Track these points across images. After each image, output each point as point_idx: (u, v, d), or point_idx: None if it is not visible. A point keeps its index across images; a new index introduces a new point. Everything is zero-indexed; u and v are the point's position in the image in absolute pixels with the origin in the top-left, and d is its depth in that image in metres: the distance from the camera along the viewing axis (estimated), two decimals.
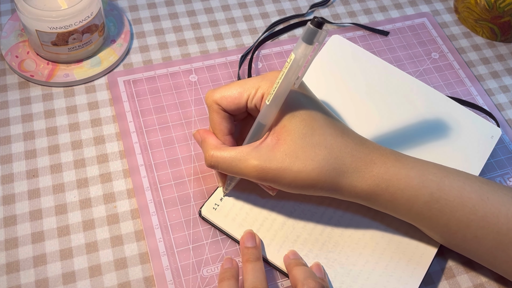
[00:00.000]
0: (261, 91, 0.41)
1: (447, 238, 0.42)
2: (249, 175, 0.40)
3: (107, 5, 0.60)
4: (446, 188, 0.40)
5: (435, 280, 0.45)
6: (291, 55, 0.37)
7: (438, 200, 0.40)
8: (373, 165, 0.40)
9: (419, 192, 0.40)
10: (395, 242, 0.45)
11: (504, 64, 0.61)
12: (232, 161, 0.40)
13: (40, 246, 0.44)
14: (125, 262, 0.44)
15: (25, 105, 0.52)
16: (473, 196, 0.40)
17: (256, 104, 0.41)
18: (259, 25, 0.61)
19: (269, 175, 0.39)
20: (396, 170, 0.41)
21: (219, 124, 0.42)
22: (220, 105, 0.42)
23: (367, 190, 0.40)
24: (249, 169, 0.40)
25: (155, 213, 0.46)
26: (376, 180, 0.40)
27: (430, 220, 0.41)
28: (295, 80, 0.38)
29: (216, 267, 0.44)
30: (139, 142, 0.50)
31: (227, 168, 0.41)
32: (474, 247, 0.42)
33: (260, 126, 0.41)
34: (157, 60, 0.57)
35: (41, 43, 0.51)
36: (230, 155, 0.41)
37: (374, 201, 0.41)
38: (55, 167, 0.48)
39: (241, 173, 0.40)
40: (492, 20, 0.61)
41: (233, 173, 0.41)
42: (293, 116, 0.40)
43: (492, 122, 0.55)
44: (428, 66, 0.59)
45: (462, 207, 0.40)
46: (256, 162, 0.39)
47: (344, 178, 0.40)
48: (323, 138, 0.40)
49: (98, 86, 0.54)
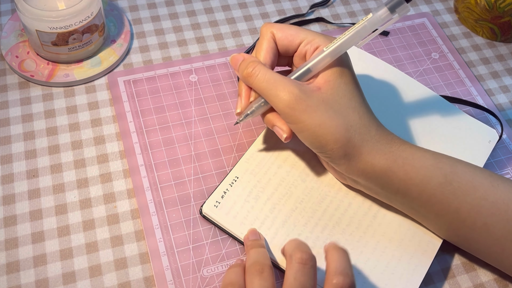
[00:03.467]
0: (318, 41, 0.42)
1: (455, 227, 0.42)
2: (282, 98, 0.40)
3: (107, 5, 0.60)
4: (459, 172, 0.41)
5: (435, 280, 0.45)
6: (368, 14, 0.38)
7: (451, 182, 0.41)
8: (392, 143, 0.42)
9: (433, 173, 0.41)
10: (396, 240, 0.45)
11: (504, 64, 0.61)
12: (272, 77, 0.41)
13: (40, 246, 0.44)
14: (125, 262, 0.44)
15: (25, 105, 0.52)
16: (484, 182, 0.41)
17: (308, 51, 0.43)
18: (259, 25, 0.61)
19: (300, 106, 0.40)
20: (413, 150, 0.42)
21: (266, 51, 0.43)
22: (275, 36, 0.43)
23: (384, 165, 0.41)
24: (285, 92, 0.40)
25: (155, 213, 0.46)
26: (393, 156, 0.41)
27: (441, 205, 0.41)
28: (360, 40, 0.40)
29: (216, 267, 0.44)
30: (139, 142, 0.50)
31: (264, 81, 0.41)
32: (482, 236, 0.41)
33: (307, 71, 0.42)
34: (157, 60, 0.57)
35: (41, 43, 0.51)
36: (272, 73, 0.41)
37: (388, 179, 0.41)
38: (55, 167, 0.48)
39: (275, 93, 0.40)
40: (492, 20, 0.61)
41: (266, 91, 0.41)
42: (340, 76, 0.41)
43: (492, 122, 0.55)
44: (428, 66, 0.59)
45: (474, 191, 0.41)
46: (295, 90, 0.40)
47: (366, 146, 0.41)
48: (358, 105, 0.41)
49: (98, 86, 0.54)
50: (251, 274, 0.38)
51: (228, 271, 0.40)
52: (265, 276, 0.37)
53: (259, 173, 0.47)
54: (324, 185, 0.47)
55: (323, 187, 0.47)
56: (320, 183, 0.47)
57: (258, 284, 0.36)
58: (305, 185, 0.47)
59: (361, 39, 0.40)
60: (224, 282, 0.38)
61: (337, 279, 0.36)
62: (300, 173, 0.48)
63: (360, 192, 0.47)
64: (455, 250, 0.47)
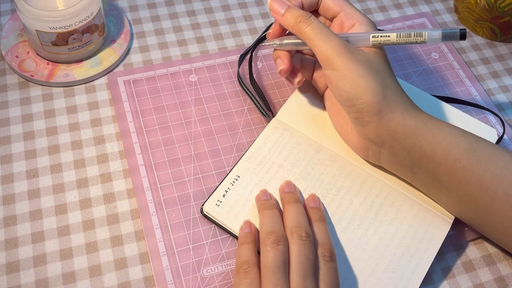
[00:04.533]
0: (355, 18, 0.46)
1: (476, 197, 0.42)
2: (333, 46, 0.43)
3: (107, 5, 0.60)
4: (483, 142, 0.43)
5: (435, 280, 0.45)
6: (424, 33, 0.43)
7: (476, 150, 0.42)
8: (420, 111, 0.44)
9: (459, 139, 0.42)
10: (398, 238, 0.45)
11: (504, 64, 0.61)
12: (325, 28, 0.44)
13: (40, 246, 0.44)
14: (125, 262, 0.44)
15: (25, 105, 0.52)
16: (506, 154, 0.43)
17: (345, 23, 0.46)
18: (259, 25, 0.61)
19: (347, 56, 0.42)
20: (440, 120, 0.44)
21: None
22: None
23: (414, 126, 0.43)
24: (336, 42, 0.43)
25: (155, 213, 0.46)
26: (422, 120, 0.43)
27: (465, 171, 0.42)
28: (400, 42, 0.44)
29: (216, 267, 0.44)
30: (139, 142, 0.50)
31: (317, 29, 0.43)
32: (502, 206, 0.42)
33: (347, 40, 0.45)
34: (157, 60, 0.57)
35: (41, 43, 0.51)
36: (324, 25, 0.44)
37: (416, 140, 0.42)
38: (55, 167, 0.48)
39: (327, 42, 0.43)
40: (492, 20, 0.61)
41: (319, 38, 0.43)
42: (380, 50, 0.45)
43: (492, 122, 0.55)
44: (428, 66, 0.59)
45: (497, 160, 0.42)
46: (345, 42, 0.43)
47: (399, 107, 0.43)
48: (394, 80, 0.44)
49: (98, 86, 0.54)
50: (266, 246, 0.40)
51: (240, 248, 0.41)
52: (281, 248, 0.39)
53: (261, 172, 0.47)
54: (325, 183, 0.47)
55: (324, 185, 0.47)
56: (321, 181, 0.47)
57: (273, 258, 0.39)
58: (306, 184, 0.47)
59: (402, 43, 0.44)
60: (239, 260, 0.40)
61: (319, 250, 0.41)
62: (301, 171, 0.48)
63: (362, 190, 0.47)
64: (455, 250, 0.47)
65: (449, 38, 0.43)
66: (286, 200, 0.45)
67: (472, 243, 0.48)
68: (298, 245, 0.40)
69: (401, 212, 0.46)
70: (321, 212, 0.44)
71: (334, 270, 0.40)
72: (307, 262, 0.39)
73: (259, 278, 0.39)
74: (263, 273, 0.39)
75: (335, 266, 0.41)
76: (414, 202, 0.47)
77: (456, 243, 0.47)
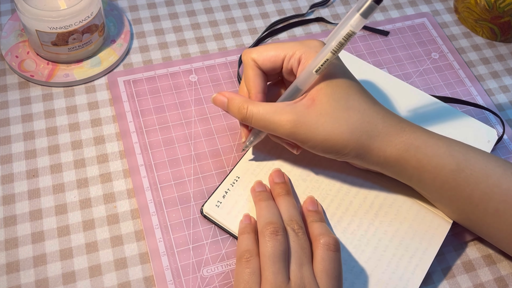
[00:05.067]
0: (299, 54, 0.42)
1: (467, 211, 0.43)
2: (283, 128, 0.41)
3: (107, 5, 0.60)
4: (472, 159, 0.41)
5: (435, 280, 0.45)
6: (347, 29, 0.38)
7: (464, 170, 0.41)
8: (403, 132, 0.42)
9: (446, 161, 0.41)
10: (397, 239, 0.45)
11: (504, 64, 0.61)
12: (267, 113, 0.41)
13: (40, 246, 0.44)
14: (125, 262, 0.44)
15: (25, 105, 0.52)
16: (497, 169, 0.41)
17: (293, 65, 0.43)
18: (259, 25, 0.61)
19: (301, 130, 0.41)
20: (425, 138, 0.42)
21: (253, 80, 0.44)
22: (257, 62, 0.44)
23: (396, 156, 0.41)
24: (283, 123, 0.41)
25: (155, 213, 0.46)
26: (405, 145, 0.41)
27: (454, 191, 0.42)
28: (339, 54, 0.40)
29: (216, 267, 0.44)
30: (139, 142, 0.50)
31: (260, 121, 0.42)
32: (493, 221, 0.42)
33: (297, 90, 0.42)
34: (157, 60, 0.57)
35: (41, 43, 0.51)
36: (265, 109, 0.42)
37: (401, 168, 0.42)
38: (55, 167, 0.48)
39: (274, 127, 0.41)
40: (492, 20, 0.61)
41: (266, 127, 0.42)
42: (330, 81, 0.41)
43: (492, 122, 0.55)
44: (428, 66, 0.59)
45: (487, 178, 0.41)
46: (292, 117, 0.41)
47: (375, 142, 0.41)
48: (357, 103, 0.41)
49: (98, 86, 0.54)
50: (265, 237, 0.40)
51: (240, 238, 0.42)
52: (280, 238, 0.40)
53: (260, 173, 0.47)
54: (325, 184, 0.47)
55: (324, 186, 0.47)
56: (321, 182, 0.47)
57: (272, 248, 0.39)
58: (306, 185, 0.47)
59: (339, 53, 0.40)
60: (240, 249, 0.41)
61: (323, 238, 0.40)
62: (301, 172, 0.48)
63: (361, 191, 0.47)
64: (455, 250, 0.47)
65: (369, 12, 0.37)
66: (277, 192, 0.45)
67: (472, 243, 0.48)
68: (292, 236, 0.41)
69: (400, 212, 0.46)
70: (320, 214, 0.44)
71: (338, 261, 0.40)
72: (302, 252, 0.40)
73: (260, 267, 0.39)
74: (263, 263, 0.39)
75: (339, 257, 0.40)
76: (414, 203, 0.47)
77: (456, 243, 0.47)
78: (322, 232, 0.41)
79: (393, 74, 0.58)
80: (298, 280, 0.38)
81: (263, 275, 0.38)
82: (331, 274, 0.39)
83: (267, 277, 0.38)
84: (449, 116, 0.52)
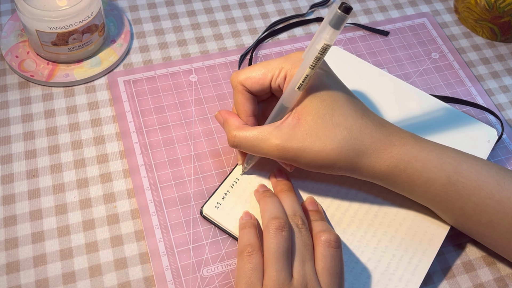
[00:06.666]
0: (284, 71, 0.42)
1: (461, 221, 0.43)
2: (271, 154, 0.41)
3: (107, 5, 0.60)
4: (463, 172, 0.41)
5: (435, 280, 0.45)
6: (322, 43, 0.37)
7: (455, 183, 0.41)
8: (392, 146, 0.41)
9: (436, 175, 0.41)
10: (397, 239, 0.45)
11: (504, 64, 0.61)
12: (254, 140, 0.41)
13: (40, 246, 0.44)
14: (125, 262, 0.44)
15: (25, 105, 0.52)
16: (490, 180, 0.41)
17: (280, 84, 0.42)
18: (259, 25, 0.61)
19: (289, 153, 0.41)
20: (415, 152, 0.41)
21: (243, 105, 0.44)
22: (245, 86, 0.43)
23: (385, 171, 0.41)
24: (271, 148, 0.41)
25: (155, 213, 0.46)
26: (394, 161, 0.41)
27: (446, 203, 0.42)
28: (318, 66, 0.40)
29: (216, 267, 0.44)
30: (139, 142, 0.50)
31: (249, 147, 0.42)
32: (487, 231, 0.42)
33: (283, 108, 0.42)
34: (157, 60, 0.57)
35: (41, 43, 0.51)
36: (252, 135, 0.42)
37: (392, 182, 0.42)
38: (55, 167, 0.48)
39: (263, 152, 0.42)
40: (492, 20, 0.61)
41: (255, 152, 0.42)
42: (315, 97, 0.41)
43: (492, 122, 0.55)
44: (428, 66, 0.59)
45: (479, 191, 0.41)
46: (278, 141, 0.40)
47: (363, 159, 0.41)
48: (343, 119, 0.41)
49: (98, 86, 0.54)
50: (270, 232, 0.40)
51: (241, 232, 0.42)
52: (285, 234, 0.39)
53: (260, 174, 0.47)
54: (324, 185, 0.47)
55: (323, 187, 0.47)
56: (321, 183, 0.47)
57: (277, 245, 0.39)
58: (305, 186, 0.47)
59: (317, 67, 0.39)
60: (242, 244, 0.41)
61: (324, 235, 0.40)
62: (300, 174, 0.48)
63: (360, 193, 0.47)
64: (455, 250, 0.47)
65: (340, 23, 0.36)
66: (279, 188, 0.45)
67: (472, 243, 0.48)
68: (295, 233, 0.41)
69: (400, 213, 0.46)
70: (320, 214, 0.44)
71: (339, 258, 0.40)
72: (305, 249, 0.40)
73: (262, 262, 0.39)
74: (266, 259, 0.39)
75: (340, 254, 0.40)
76: (414, 203, 0.47)
77: (456, 243, 0.47)
78: (323, 229, 0.41)
79: (393, 74, 0.58)
80: (300, 277, 0.38)
81: (266, 271, 0.38)
82: (333, 271, 0.39)
83: (270, 274, 0.38)
84: (449, 116, 0.52)
